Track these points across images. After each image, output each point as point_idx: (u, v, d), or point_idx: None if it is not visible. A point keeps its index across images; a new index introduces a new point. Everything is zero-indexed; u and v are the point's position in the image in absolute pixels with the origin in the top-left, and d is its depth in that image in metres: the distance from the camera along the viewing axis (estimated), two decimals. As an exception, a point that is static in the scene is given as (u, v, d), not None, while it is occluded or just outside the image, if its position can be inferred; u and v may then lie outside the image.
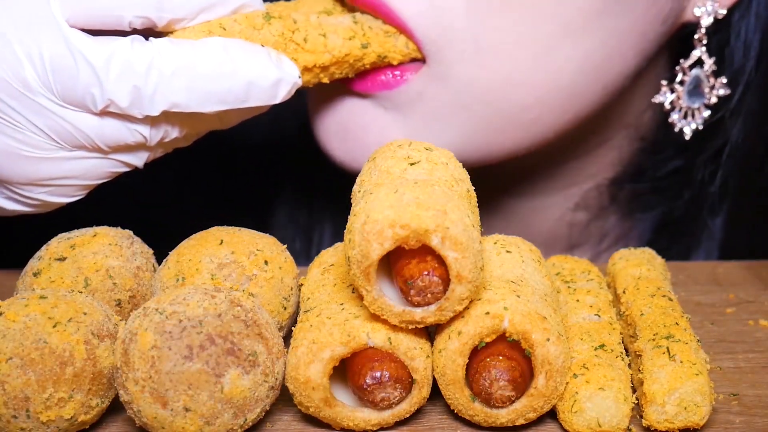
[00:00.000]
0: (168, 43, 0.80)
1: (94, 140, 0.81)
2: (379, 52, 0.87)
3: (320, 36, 0.84)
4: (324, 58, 0.85)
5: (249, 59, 0.81)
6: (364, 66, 0.87)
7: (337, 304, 0.72)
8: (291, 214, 1.19)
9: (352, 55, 0.86)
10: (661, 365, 0.70)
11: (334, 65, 0.86)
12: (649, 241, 1.09)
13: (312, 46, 0.84)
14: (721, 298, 0.90)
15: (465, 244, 0.66)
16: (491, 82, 0.89)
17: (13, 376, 0.67)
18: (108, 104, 0.79)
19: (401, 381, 0.69)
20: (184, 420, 0.66)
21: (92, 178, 0.84)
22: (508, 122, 0.92)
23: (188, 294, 0.68)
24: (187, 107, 0.80)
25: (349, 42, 0.86)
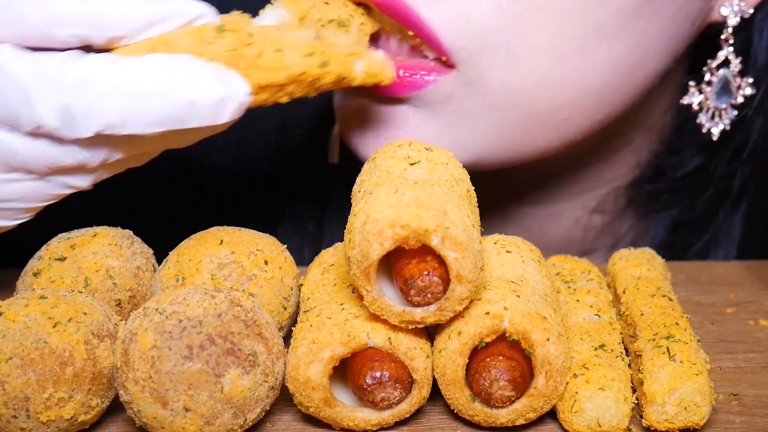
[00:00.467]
0: (104, 59, 0.74)
1: (27, 163, 0.76)
2: (339, 72, 0.79)
3: (276, 52, 0.77)
4: (279, 76, 0.77)
5: (191, 76, 0.75)
6: (324, 86, 0.80)
7: (337, 304, 0.72)
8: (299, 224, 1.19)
9: (309, 73, 0.78)
10: (661, 365, 0.70)
11: (292, 84, 0.79)
12: (664, 242, 1.09)
13: (266, 62, 0.77)
14: (721, 298, 0.90)
15: (465, 244, 0.66)
16: (523, 85, 0.89)
17: (13, 376, 0.67)
18: (37, 124, 0.74)
19: (401, 381, 0.69)
20: (184, 420, 0.66)
21: (34, 201, 0.79)
22: (539, 123, 0.91)
23: (188, 294, 0.68)
24: (123, 129, 0.74)
25: (307, 59, 0.78)
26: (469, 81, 0.88)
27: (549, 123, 0.92)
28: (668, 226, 1.09)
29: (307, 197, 1.19)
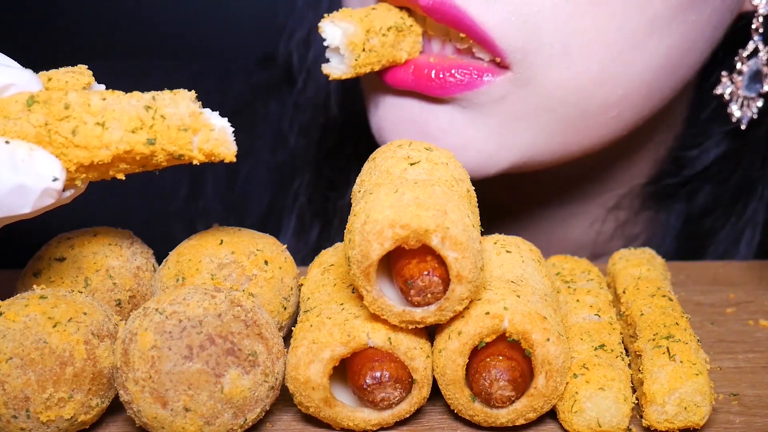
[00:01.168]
0: None
1: None
2: (171, 150, 0.68)
3: (97, 126, 0.67)
4: (100, 155, 0.67)
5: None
6: (161, 163, 0.70)
7: (337, 304, 0.72)
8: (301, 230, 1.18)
9: (135, 151, 0.68)
10: (661, 365, 0.70)
11: (120, 162, 0.69)
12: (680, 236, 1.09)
13: (83, 139, 0.67)
14: (721, 298, 0.90)
15: (465, 244, 0.66)
16: (578, 84, 0.88)
17: (13, 376, 0.67)
18: None
19: (401, 381, 0.69)
20: (184, 420, 0.66)
21: None
22: (590, 121, 0.91)
23: (188, 294, 0.68)
24: None
25: (132, 135, 0.68)
26: (524, 82, 0.88)
27: (600, 121, 0.91)
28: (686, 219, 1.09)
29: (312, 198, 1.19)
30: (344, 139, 1.15)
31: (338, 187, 1.14)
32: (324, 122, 1.16)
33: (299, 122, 1.17)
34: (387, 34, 0.86)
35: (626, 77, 0.89)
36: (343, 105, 1.15)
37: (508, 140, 0.91)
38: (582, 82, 0.88)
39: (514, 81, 0.88)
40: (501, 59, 0.87)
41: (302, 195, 1.18)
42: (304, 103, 1.17)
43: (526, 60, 0.87)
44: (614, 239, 1.10)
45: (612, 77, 0.89)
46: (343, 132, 1.15)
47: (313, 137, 1.17)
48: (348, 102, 1.15)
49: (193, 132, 0.69)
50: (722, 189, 1.07)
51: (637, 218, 1.10)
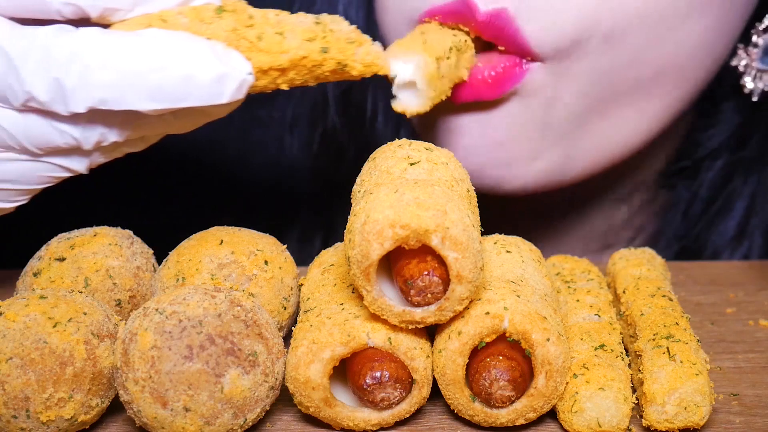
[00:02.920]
0: (97, 32, 0.72)
1: (20, 140, 0.74)
2: (339, 59, 0.78)
3: (277, 35, 0.76)
4: (280, 60, 0.76)
5: (186, 52, 0.72)
6: (324, 74, 0.78)
7: (337, 304, 0.72)
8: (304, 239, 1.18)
9: (310, 59, 0.77)
10: (661, 365, 0.70)
11: (293, 69, 0.77)
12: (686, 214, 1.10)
13: (267, 45, 0.76)
14: (721, 298, 0.90)
15: (465, 244, 0.66)
16: (613, 66, 0.89)
17: (13, 376, 0.67)
18: (27, 98, 0.72)
19: (401, 381, 0.69)
20: (184, 420, 0.66)
21: (29, 183, 0.78)
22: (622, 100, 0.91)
23: (188, 294, 0.68)
24: (116, 104, 0.72)
25: (308, 44, 0.77)
26: (558, 70, 0.88)
27: (631, 103, 0.91)
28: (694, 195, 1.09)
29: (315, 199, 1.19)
30: (346, 147, 1.15)
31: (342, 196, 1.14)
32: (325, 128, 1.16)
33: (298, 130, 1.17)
34: (450, 57, 0.86)
35: (661, 57, 0.89)
36: (345, 113, 1.15)
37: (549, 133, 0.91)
38: (616, 65, 0.89)
39: (546, 70, 0.88)
40: (531, 58, 0.87)
41: (304, 205, 1.18)
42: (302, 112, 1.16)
43: (558, 55, 0.87)
44: (626, 228, 1.10)
45: (643, 56, 0.89)
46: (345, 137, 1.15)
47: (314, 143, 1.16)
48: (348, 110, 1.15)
49: (358, 44, 0.78)
50: (733, 163, 1.07)
51: (650, 204, 1.10)
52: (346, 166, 1.13)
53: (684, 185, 1.09)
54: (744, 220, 1.08)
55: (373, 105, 1.13)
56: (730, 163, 1.08)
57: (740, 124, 1.06)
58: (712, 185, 1.08)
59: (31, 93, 0.72)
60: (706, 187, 1.09)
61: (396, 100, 0.85)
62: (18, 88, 0.72)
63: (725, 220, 1.08)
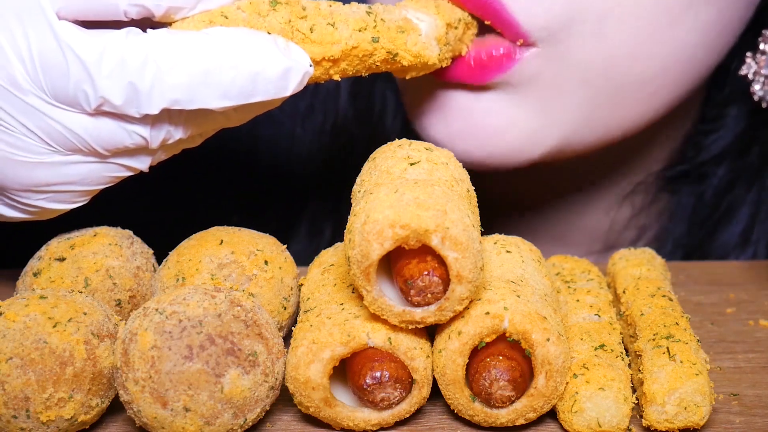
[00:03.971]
0: (166, 34, 0.74)
1: (90, 143, 0.76)
2: (390, 48, 0.80)
3: (329, 26, 0.78)
4: (332, 51, 0.78)
5: (254, 49, 0.75)
6: (375, 64, 0.80)
7: (337, 304, 0.72)
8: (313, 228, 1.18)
9: (360, 48, 0.79)
10: (661, 365, 0.70)
11: (344, 59, 0.79)
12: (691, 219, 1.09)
13: (319, 36, 0.77)
14: (721, 298, 0.90)
15: (465, 244, 0.66)
16: (612, 57, 0.88)
17: (13, 376, 0.67)
18: (101, 102, 0.73)
19: (401, 381, 0.69)
20: (184, 420, 0.66)
21: (92, 184, 0.79)
22: (627, 97, 0.91)
23: (188, 294, 0.68)
24: (189, 104, 0.74)
25: (359, 34, 0.79)
26: (554, 56, 0.88)
27: (638, 97, 0.91)
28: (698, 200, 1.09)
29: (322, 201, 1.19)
30: (356, 138, 1.15)
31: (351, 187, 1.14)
32: (335, 122, 1.16)
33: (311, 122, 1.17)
34: (458, 27, 0.86)
35: (662, 53, 0.89)
36: (355, 103, 1.15)
37: (549, 118, 0.90)
38: (616, 56, 0.88)
39: (543, 56, 0.88)
40: (524, 40, 0.87)
41: (314, 195, 1.18)
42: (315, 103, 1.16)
43: (552, 37, 0.87)
44: (629, 228, 1.10)
45: (647, 52, 0.88)
46: (355, 131, 1.15)
47: (325, 137, 1.17)
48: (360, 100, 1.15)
49: (408, 34, 0.80)
50: (739, 168, 1.07)
51: (652, 205, 1.09)
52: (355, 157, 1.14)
53: (688, 190, 1.09)
54: (748, 228, 1.08)
55: (382, 97, 1.13)
56: (735, 170, 1.07)
57: (744, 130, 1.06)
58: (717, 191, 1.08)
59: (106, 98, 0.73)
60: (710, 192, 1.08)
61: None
62: (92, 94, 0.73)
63: (729, 226, 1.08)
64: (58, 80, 0.73)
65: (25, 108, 0.74)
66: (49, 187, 0.78)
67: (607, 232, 1.10)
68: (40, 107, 0.74)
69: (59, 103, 0.74)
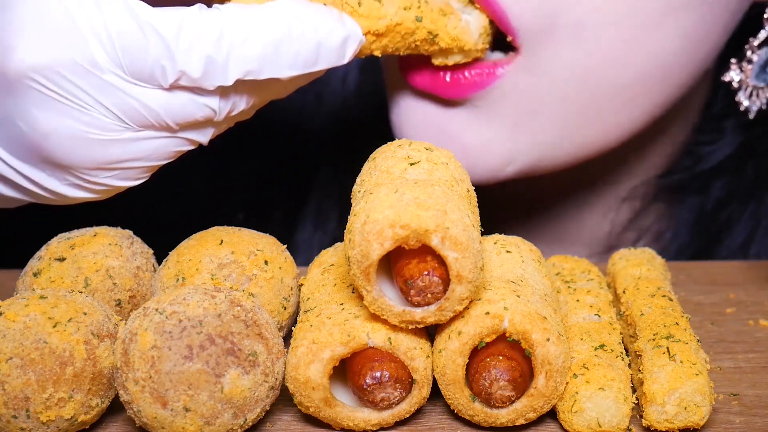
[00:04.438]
0: (236, 8, 0.77)
1: (163, 117, 0.77)
2: (431, 29, 0.83)
3: (375, 1, 0.81)
4: (378, 25, 0.81)
5: (316, 19, 0.79)
6: (415, 43, 0.84)
7: (337, 304, 0.72)
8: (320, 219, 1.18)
9: (404, 26, 0.83)
10: (661, 365, 0.70)
11: (387, 35, 0.83)
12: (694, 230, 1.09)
13: (366, 10, 0.81)
14: (721, 298, 0.90)
15: (465, 244, 0.66)
16: (588, 63, 0.89)
17: (13, 376, 0.67)
18: (179, 76, 0.76)
19: (401, 381, 0.69)
20: (184, 420, 0.66)
21: (157, 159, 0.80)
22: (603, 105, 0.91)
23: (188, 294, 0.68)
24: (261, 74, 0.78)
25: (404, 12, 0.82)
26: (532, 65, 0.88)
27: (613, 106, 0.91)
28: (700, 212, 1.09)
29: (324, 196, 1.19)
30: (363, 126, 1.15)
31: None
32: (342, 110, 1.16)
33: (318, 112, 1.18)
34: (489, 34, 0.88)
35: (639, 59, 0.89)
36: (362, 94, 1.15)
37: (524, 137, 0.91)
38: (591, 62, 0.88)
39: (523, 66, 0.88)
40: (512, 38, 0.87)
41: (320, 184, 1.18)
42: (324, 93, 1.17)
43: (535, 39, 0.87)
44: (628, 231, 1.10)
45: (624, 58, 0.89)
46: (361, 120, 1.16)
47: (332, 126, 1.17)
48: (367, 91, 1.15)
49: (449, 17, 0.84)
50: (737, 181, 1.07)
51: (649, 210, 1.09)
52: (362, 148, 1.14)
53: (690, 200, 1.09)
54: (748, 239, 1.08)
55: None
56: (734, 182, 1.07)
57: (743, 142, 1.06)
58: (718, 202, 1.08)
59: (185, 71, 0.76)
60: (711, 204, 1.08)
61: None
62: (171, 68, 0.75)
63: (729, 238, 1.08)
64: (137, 57, 0.75)
65: (103, 86, 0.76)
66: (120, 164, 0.79)
67: (607, 234, 1.10)
68: (118, 85, 0.76)
69: (136, 80, 0.76)
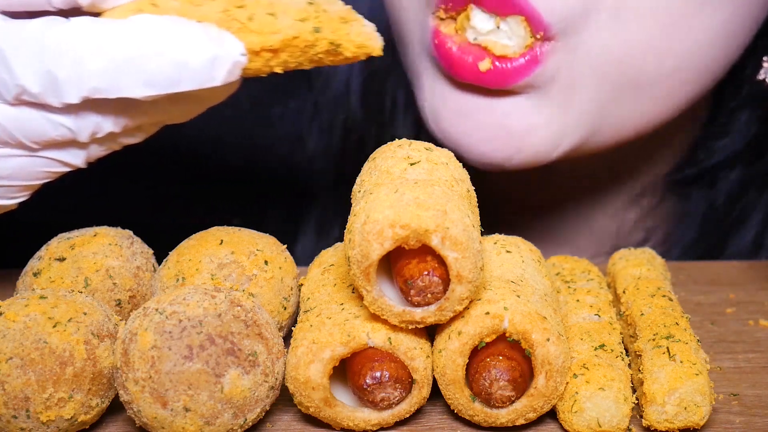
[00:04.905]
0: (88, 21, 0.72)
1: (15, 135, 0.74)
2: (332, 39, 0.76)
3: (269, 15, 0.75)
4: (272, 40, 0.75)
5: (178, 36, 0.72)
6: (317, 55, 0.77)
7: (337, 304, 0.72)
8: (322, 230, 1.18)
9: (302, 39, 0.76)
10: (661, 365, 0.70)
11: (285, 50, 0.76)
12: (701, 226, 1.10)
13: (258, 25, 0.75)
14: (721, 298, 0.90)
15: (465, 244, 0.66)
16: (627, 51, 0.89)
17: (13, 376, 0.67)
18: (20, 91, 0.72)
19: (401, 381, 0.69)
20: (184, 420, 0.66)
21: (26, 179, 0.77)
22: (642, 94, 0.91)
23: (188, 294, 0.68)
24: (110, 92, 0.72)
25: (300, 24, 0.76)
26: (572, 47, 0.88)
27: (653, 94, 0.92)
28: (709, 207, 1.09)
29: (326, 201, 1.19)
30: (365, 136, 1.15)
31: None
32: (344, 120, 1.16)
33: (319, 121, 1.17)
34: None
35: (677, 49, 0.90)
36: (364, 103, 1.15)
37: (568, 118, 0.91)
38: (631, 50, 0.89)
39: (562, 50, 0.88)
40: (544, 33, 0.87)
41: (323, 193, 1.18)
42: (323, 103, 1.16)
43: (571, 27, 0.87)
44: (637, 230, 1.10)
45: (662, 47, 0.89)
46: (363, 130, 1.15)
47: (333, 136, 1.16)
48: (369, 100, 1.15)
49: (351, 24, 0.77)
50: (750, 175, 1.08)
51: (659, 207, 1.09)
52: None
53: (699, 195, 1.09)
54: (761, 234, 1.08)
55: (393, 95, 1.13)
56: (747, 175, 1.07)
57: (756, 134, 1.06)
58: (729, 196, 1.08)
59: (23, 86, 0.72)
60: (722, 198, 1.08)
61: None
62: (10, 82, 0.72)
63: (741, 233, 1.08)
64: None
65: None
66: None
67: (615, 234, 1.10)
68: None
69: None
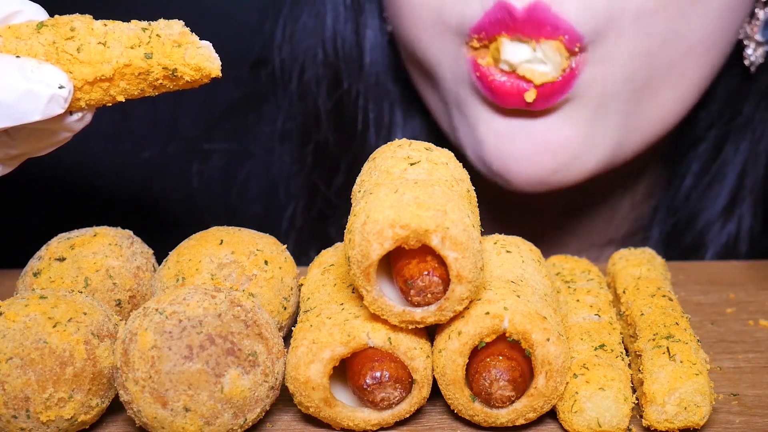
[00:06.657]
0: None
1: None
2: (165, 64, 0.75)
3: (99, 44, 0.75)
4: (103, 69, 0.74)
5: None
6: (157, 81, 0.76)
7: (337, 304, 0.72)
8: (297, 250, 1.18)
9: (134, 66, 0.75)
10: (661, 365, 0.70)
11: (120, 78, 0.75)
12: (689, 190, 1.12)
13: (87, 56, 0.74)
14: (721, 298, 0.90)
15: (465, 244, 0.66)
16: (648, 43, 0.91)
17: (13, 376, 0.67)
18: None
19: (401, 381, 0.69)
20: (184, 420, 0.66)
21: None
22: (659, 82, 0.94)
23: (188, 294, 0.68)
24: None
25: (131, 51, 0.75)
26: (602, 56, 0.91)
27: (668, 81, 0.94)
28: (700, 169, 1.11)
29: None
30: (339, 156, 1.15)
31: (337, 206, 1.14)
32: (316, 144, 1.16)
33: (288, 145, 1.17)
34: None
35: (687, 31, 0.92)
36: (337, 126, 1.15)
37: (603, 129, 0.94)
38: (650, 41, 0.91)
39: (594, 60, 0.91)
40: (580, 44, 0.90)
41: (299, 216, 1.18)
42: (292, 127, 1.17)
43: (600, 37, 0.90)
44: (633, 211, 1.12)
45: (674, 32, 0.92)
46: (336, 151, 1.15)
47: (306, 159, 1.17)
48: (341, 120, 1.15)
49: (186, 48, 0.75)
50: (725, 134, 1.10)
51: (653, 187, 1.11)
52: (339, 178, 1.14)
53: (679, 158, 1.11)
54: (736, 188, 1.10)
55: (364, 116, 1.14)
56: (723, 133, 1.10)
57: (732, 94, 1.09)
58: (706, 156, 1.11)
59: None
60: (699, 158, 1.11)
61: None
62: None
63: (718, 188, 1.10)
64: None
65: None
66: None
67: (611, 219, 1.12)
68: None
69: None
